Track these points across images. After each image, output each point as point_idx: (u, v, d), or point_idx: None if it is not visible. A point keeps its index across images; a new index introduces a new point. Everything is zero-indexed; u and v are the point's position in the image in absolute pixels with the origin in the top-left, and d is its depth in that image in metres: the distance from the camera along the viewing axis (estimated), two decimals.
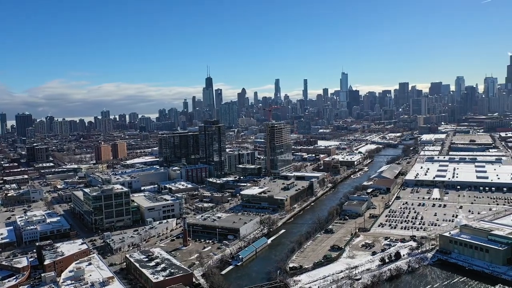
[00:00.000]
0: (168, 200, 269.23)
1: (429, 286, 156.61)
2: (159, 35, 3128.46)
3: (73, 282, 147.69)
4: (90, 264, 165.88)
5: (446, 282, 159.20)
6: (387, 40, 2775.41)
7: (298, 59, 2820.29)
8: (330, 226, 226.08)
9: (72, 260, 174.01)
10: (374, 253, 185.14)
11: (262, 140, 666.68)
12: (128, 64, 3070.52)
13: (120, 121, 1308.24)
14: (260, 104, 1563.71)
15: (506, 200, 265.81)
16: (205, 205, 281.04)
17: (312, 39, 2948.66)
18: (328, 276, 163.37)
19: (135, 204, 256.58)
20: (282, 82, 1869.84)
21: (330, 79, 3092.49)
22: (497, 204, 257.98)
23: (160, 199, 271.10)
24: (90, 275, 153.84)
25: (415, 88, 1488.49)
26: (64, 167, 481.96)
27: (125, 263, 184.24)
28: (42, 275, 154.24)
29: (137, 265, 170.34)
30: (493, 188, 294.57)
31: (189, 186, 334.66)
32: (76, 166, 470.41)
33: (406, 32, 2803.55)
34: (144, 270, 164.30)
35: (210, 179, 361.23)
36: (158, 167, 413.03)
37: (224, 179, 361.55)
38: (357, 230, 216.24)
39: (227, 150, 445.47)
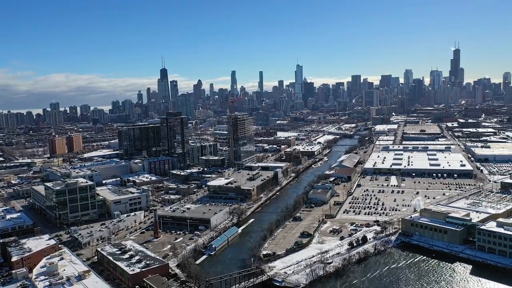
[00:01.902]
0: (134, 193, 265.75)
1: (394, 265, 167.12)
2: (110, 24, 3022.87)
3: (47, 277, 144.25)
4: (62, 259, 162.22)
5: (409, 262, 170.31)
6: (340, 34, 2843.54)
7: (254, 51, 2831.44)
8: (298, 214, 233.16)
9: (41, 255, 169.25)
10: (342, 238, 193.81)
11: (223, 132, 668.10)
12: (77, 54, 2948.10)
13: (71, 114, 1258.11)
14: (217, 96, 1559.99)
15: (457, 185, 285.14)
16: (172, 197, 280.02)
17: (267, 31, 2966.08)
18: (302, 261, 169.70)
19: (101, 197, 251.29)
20: (237, 74, 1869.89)
21: (285, 71, 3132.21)
22: (450, 189, 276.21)
23: (125, 192, 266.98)
24: (64, 270, 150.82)
25: (367, 80, 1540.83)
26: (16, 161, 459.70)
27: (96, 257, 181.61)
28: (13, 271, 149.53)
29: (111, 258, 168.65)
30: (445, 175, 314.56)
31: (154, 178, 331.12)
32: (29, 161, 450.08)
33: (358, 27, 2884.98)
34: (118, 263, 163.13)
35: (174, 171, 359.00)
36: (118, 160, 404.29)
37: (188, 171, 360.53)
38: (324, 217, 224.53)
39: (189, 142, 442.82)
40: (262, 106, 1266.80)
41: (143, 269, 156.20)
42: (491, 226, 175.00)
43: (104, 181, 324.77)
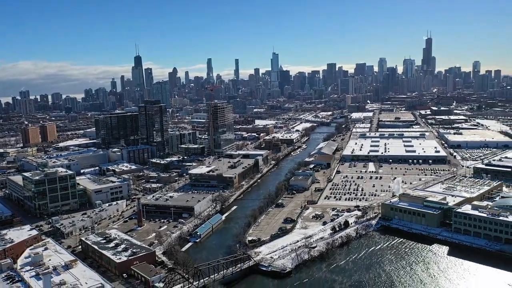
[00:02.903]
0: (115, 182, 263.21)
1: (375, 248, 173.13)
2: (80, 10, 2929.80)
3: (32, 267, 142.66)
4: (46, 249, 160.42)
5: (389, 244, 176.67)
6: (315, 23, 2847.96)
7: (229, 39, 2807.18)
8: (280, 201, 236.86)
9: (24, 246, 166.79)
10: (324, 223, 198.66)
11: (200, 120, 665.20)
12: (46, 41, 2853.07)
13: (42, 102, 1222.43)
14: (192, 84, 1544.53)
15: (432, 171, 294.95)
16: (153, 185, 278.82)
17: (243, 19, 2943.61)
18: (286, 246, 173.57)
19: (81, 187, 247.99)
20: (213, 62, 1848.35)
21: (261, 59, 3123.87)
22: (425, 175, 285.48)
23: (106, 181, 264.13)
24: (50, 260, 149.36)
25: (342, 69, 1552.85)
26: None
27: (80, 246, 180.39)
28: None
29: (96, 247, 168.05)
30: (420, 161, 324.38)
31: (133, 167, 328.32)
32: (1, 150, 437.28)
33: (332, 16, 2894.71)
34: (104, 252, 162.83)
35: (154, 160, 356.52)
36: (96, 149, 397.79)
37: (168, 159, 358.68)
38: (306, 203, 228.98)
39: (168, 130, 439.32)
40: (238, 94, 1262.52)
41: (130, 257, 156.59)
42: (467, 209, 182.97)
43: (82, 171, 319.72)
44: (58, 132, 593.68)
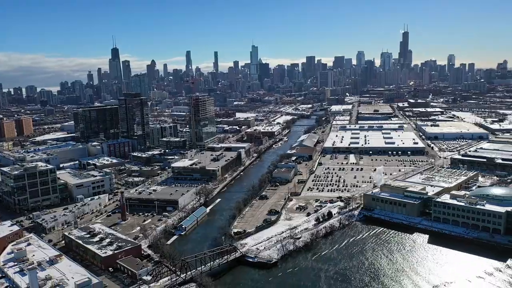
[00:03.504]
0: (96, 176, 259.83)
1: (358, 237, 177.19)
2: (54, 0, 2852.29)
3: (16, 263, 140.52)
4: (29, 244, 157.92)
5: (372, 233, 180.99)
6: (294, 16, 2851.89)
7: (208, 31, 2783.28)
8: (264, 193, 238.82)
9: (6, 242, 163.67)
10: (308, 214, 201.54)
11: (181, 113, 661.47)
12: (19, 32, 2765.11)
13: (16, 95, 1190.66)
14: (171, 77, 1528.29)
15: (411, 162, 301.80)
16: (135, 179, 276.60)
17: (222, 11, 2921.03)
18: (272, 237, 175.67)
19: (62, 181, 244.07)
20: (192, 54, 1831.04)
21: (240, 52, 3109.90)
22: (405, 166, 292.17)
23: (87, 176, 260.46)
24: (34, 255, 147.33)
25: (321, 61, 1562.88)
26: None
27: (64, 241, 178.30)
28: None
29: (80, 242, 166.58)
30: (399, 152, 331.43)
31: (115, 161, 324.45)
32: None
33: (311, 9, 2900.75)
34: (89, 246, 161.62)
35: (135, 154, 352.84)
36: (75, 143, 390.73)
37: (150, 153, 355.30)
38: (289, 195, 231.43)
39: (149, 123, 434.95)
40: (218, 87, 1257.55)
41: (115, 251, 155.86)
42: (445, 198, 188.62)
43: (61, 165, 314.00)
44: (34, 126, 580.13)
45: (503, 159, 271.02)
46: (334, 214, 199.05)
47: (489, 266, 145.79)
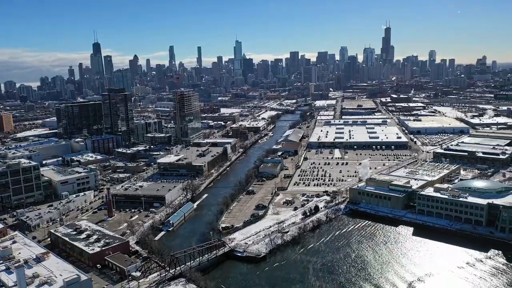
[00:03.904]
0: (81, 172, 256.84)
1: (345, 230, 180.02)
2: None
3: (2, 261, 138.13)
4: (14, 242, 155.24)
5: (358, 226, 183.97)
6: (277, 11, 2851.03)
7: (191, 26, 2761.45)
8: (250, 188, 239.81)
9: None
10: (295, 208, 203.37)
11: (165, 109, 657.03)
12: None
13: None
14: (154, 72, 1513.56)
15: (395, 156, 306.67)
16: (121, 175, 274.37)
17: (205, 6, 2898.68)
18: (260, 231, 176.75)
19: (46, 178, 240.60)
20: (175, 49, 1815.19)
21: (224, 47, 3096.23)
22: (389, 160, 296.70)
23: (72, 172, 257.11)
24: (20, 253, 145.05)
25: (304, 57, 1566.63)
26: None
27: (49, 239, 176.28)
28: None
29: (67, 239, 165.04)
30: (383, 146, 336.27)
31: (99, 157, 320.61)
32: None
33: (295, 4, 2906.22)
34: (76, 243, 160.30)
35: (119, 150, 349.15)
36: (57, 140, 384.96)
37: (134, 148, 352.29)
38: (276, 190, 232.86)
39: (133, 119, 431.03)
40: (202, 82, 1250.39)
41: (103, 248, 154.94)
42: (429, 191, 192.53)
43: (44, 162, 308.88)
44: (14, 122, 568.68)
45: (483, 153, 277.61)
46: (321, 208, 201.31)
47: (472, 257, 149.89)
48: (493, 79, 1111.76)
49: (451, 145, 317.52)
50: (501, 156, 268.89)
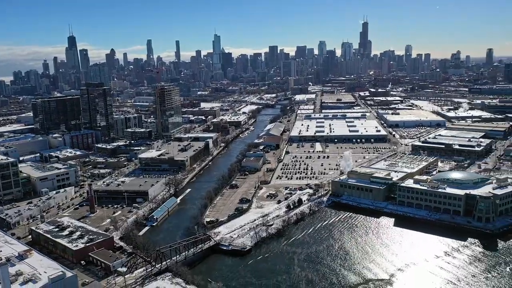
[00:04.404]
0: (60, 168, 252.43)
1: (328, 222, 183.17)
2: None
3: None
4: None
5: (341, 218, 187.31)
6: (256, 4, 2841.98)
7: (169, 20, 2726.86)
8: (234, 182, 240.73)
9: None
10: (279, 202, 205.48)
11: (144, 104, 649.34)
12: None
13: None
14: (132, 66, 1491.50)
15: (375, 149, 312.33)
16: (102, 171, 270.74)
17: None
18: (245, 225, 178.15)
19: (24, 174, 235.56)
20: (153, 43, 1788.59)
21: (202, 41, 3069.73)
22: (369, 153, 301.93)
23: (51, 168, 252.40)
24: (1, 251, 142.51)
25: (283, 51, 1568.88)
26: None
27: (31, 236, 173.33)
28: None
29: (49, 236, 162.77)
30: (363, 140, 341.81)
31: (78, 153, 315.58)
32: None
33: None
34: (59, 240, 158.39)
35: (99, 145, 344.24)
36: (34, 135, 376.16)
37: (115, 144, 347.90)
38: (259, 183, 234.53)
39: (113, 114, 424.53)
40: (181, 76, 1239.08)
41: (87, 244, 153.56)
42: (409, 183, 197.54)
43: (21, 158, 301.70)
44: None
45: (460, 145, 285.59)
46: (304, 201, 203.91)
47: (450, 246, 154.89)
48: (467, 73, 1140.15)
49: (429, 138, 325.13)
50: (476, 148, 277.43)
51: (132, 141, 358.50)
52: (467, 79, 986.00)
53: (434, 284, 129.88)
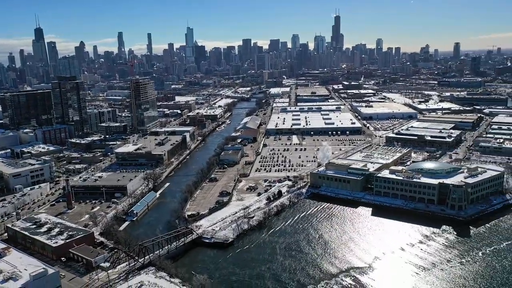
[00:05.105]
0: (34, 164, 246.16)
1: (306, 213, 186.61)
2: None
3: None
4: None
5: (320, 209, 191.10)
6: None
7: (141, 12, 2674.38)
8: (213, 175, 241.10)
9: None
10: (259, 194, 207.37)
11: (117, 97, 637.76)
12: None
13: None
14: (102, 60, 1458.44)
15: (350, 141, 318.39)
16: (77, 166, 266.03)
17: None
18: (226, 217, 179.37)
19: None
20: (124, 36, 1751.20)
21: (175, 34, 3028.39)
22: (345, 145, 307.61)
23: (24, 164, 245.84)
24: None
25: (257, 44, 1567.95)
26: None
27: (7, 234, 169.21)
28: None
29: (27, 233, 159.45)
30: (339, 132, 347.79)
31: (52, 148, 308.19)
32: None
33: None
34: (37, 237, 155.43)
35: (73, 140, 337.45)
36: (3, 131, 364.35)
37: (89, 139, 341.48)
38: (238, 176, 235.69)
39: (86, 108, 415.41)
40: (154, 70, 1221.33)
41: (67, 240, 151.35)
42: (385, 173, 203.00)
43: None
44: None
45: (431, 137, 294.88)
46: (284, 193, 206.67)
47: (425, 233, 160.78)
48: (435, 66, 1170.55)
49: (402, 129, 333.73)
50: (447, 139, 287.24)
51: (107, 136, 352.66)
52: (436, 72, 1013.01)
53: (412, 270, 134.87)
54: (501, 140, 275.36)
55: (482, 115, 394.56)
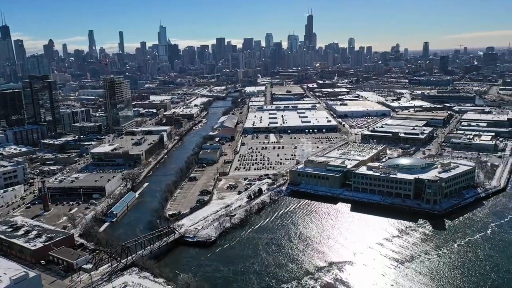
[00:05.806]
0: (7, 166, 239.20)
1: (287, 209, 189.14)
2: None
3: None
4: None
5: (300, 205, 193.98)
6: None
7: (112, 9, 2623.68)
8: (192, 174, 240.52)
9: None
10: (239, 192, 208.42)
11: (89, 97, 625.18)
12: None
13: None
14: (72, 58, 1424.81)
15: (327, 139, 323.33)
16: (52, 167, 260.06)
17: None
18: (208, 216, 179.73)
19: None
20: (94, 34, 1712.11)
21: (147, 32, 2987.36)
22: (321, 143, 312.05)
23: None
24: None
25: (231, 43, 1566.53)
26: None
27: None
28: None
29: (3, 236, 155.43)
30: (315, 130, 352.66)
31: (24, 149, 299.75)
32: None
33: None
34: (14, 240, 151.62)
35: (46, 141, 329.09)
36: None
37: (63, 139, 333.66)
38: (218, 175, 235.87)
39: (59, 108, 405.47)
40: (126, 69, 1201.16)
41: (46, 243, 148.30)
42: (363, 170, 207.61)
43: None
44: None
45: (405, 133, 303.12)
46: (264, 190, 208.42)
47: (403, 227, 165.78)
48: (406, 65, 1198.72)
49: (376, 127, 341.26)
50: (420, 136, 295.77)
51: (82, 136, 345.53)
52: (407, 71, 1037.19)
53: (391, 263, 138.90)
54: (471, 136, 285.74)
55: (452, 113, 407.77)
